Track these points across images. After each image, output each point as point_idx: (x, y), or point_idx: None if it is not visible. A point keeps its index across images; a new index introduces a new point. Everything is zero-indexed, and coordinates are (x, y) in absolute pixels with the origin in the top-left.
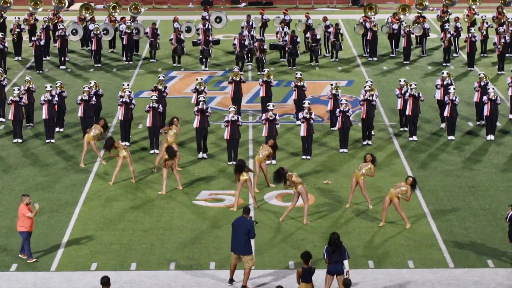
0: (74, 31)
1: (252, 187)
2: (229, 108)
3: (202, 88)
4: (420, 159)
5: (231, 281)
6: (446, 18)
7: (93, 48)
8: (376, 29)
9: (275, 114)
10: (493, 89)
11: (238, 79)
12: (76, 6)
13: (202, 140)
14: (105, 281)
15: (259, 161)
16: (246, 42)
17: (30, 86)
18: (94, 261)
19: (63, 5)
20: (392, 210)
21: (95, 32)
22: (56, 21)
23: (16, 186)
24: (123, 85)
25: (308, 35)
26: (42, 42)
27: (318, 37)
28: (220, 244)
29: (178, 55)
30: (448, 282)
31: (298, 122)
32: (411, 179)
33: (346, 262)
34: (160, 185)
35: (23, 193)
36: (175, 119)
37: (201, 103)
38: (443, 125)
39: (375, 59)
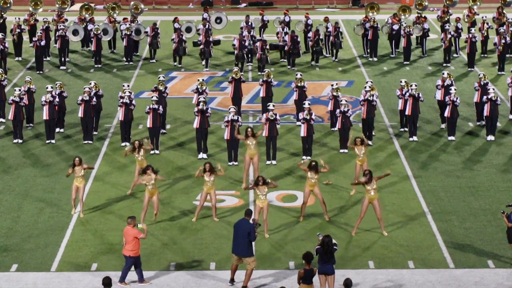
0: (75, 31)
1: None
2: (229, 109)
3: (204, 88)
4: (420, 159)
5: (232, 281)
6: (446, 19)
7: (93, 49)
8: (375, 25)
9: (275, 114)
10: (493, 89)
11: (238, 77)
12: (76, 6)
13: (202, 140)
14: (107, 282)
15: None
16: (246, 43)
17: (31, 87)
18: (94, 262)
19: (66, 6)
20: (392, 210)
21: (95, 32)
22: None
23: (17, 186)
24: (123, 85)
25: (310, 34)
26: (43, 43)
27: (321, 37)
28: (220, 244)
29: (180, 55)
30: (448, 282)
31: (299, 123)
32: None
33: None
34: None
35: (129, 216)
36: (249, 130)
37: (201, 103)
38: (443, 126)
39: (375, 59)
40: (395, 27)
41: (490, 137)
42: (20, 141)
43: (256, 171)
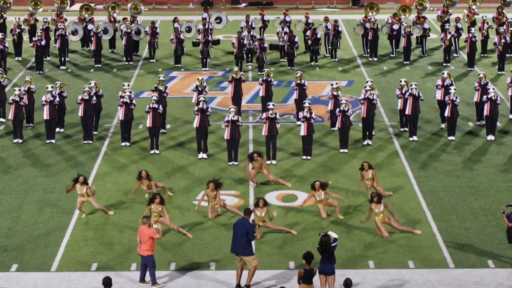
0: (74, 31)
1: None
2: (229, 108)
3: (204, 85)
4: (420, 159)
5: (238, 286)
6: (446, 18)
7: (93, 48)
8: (375, 26)
9: (275, 113)
10: (493, 89)
11: (238, 77)
12: (76, 6)
13: (202, 140)
14: (107, 282)
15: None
16: (246, 42)
17: (31, 87)
18: (94, 262)
19: (66, 5)
20: (392, 210)
21: (95, 30)
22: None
23: (17, 186)
24: (123, 85)
25: (308, 33)
26: (43, 43)
27: (318, 36)
28: (220, 244)
29: (179, 55)
30: (448, 282)
31: (299, 123)
32: (318, 183)
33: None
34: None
35: (144, 215)
36: (255, 155)
37: (201, 102)
38: (443, 125)
39: (375, 59)
40: (395, 27)
41: (490, 137)
42: (20, 141)
43: (268, 175)
